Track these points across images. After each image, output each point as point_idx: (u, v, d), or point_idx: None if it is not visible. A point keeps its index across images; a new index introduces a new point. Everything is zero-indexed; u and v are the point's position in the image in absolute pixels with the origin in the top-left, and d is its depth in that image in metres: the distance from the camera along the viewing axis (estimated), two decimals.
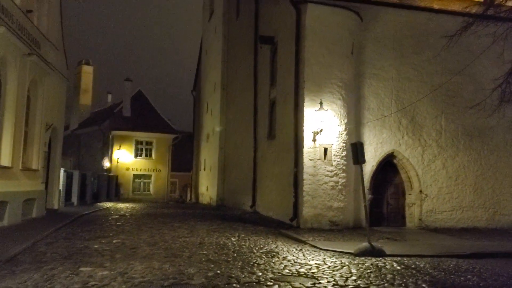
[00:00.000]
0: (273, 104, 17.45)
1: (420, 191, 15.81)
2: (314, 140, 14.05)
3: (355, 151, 10.51)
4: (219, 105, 26.35)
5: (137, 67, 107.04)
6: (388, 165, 15.95)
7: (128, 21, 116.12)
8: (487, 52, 15.56)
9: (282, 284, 6.17)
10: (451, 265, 8.40)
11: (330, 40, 14.54)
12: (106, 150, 38.79)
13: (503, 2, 11.84)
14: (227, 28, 26.02)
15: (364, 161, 10.53)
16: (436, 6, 18.28)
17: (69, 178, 21.55)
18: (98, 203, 25.14)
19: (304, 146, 14.05)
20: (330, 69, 14.44)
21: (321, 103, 13.90)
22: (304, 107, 14.14)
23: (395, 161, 15.99)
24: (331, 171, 14.08)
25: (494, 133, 16.68)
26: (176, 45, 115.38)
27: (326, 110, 13.95)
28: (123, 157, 38.53)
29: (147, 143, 39.97)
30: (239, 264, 7.63)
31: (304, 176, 13.91)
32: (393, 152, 15.73)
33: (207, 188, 29.25)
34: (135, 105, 41.31)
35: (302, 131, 14.13)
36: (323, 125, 14.01)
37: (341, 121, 14.41)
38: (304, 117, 14.11)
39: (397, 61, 16.00)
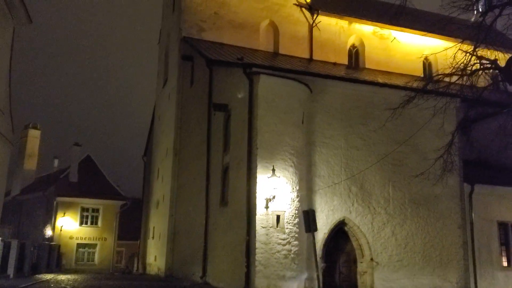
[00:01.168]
0: (226, 170, 17.42)
1: (371, 259, 15.87)
2: (267, 207, 14.00)
3: (307, 219, 10.56)
4: (170, 170, 25.99)
5: (87, 132, 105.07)
6: (339, 233, 16.02)
7: (79, 85, 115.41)
8: (429, 124, 16.45)
9: None
10: None
11: (281, 109, 14.98)
12: (49, 217, 36.83)
13: (441, 78, 12.76)
14: (181, 95, 26.30)
15: (316, 229, 10.58)
16: (380, 80, 19.46)
17: (6, 248, 20.08)
18: (37, 275, 23.43)
19: (257, 213, 13.95)
20: (282, 137, 14.75)
21: (273, 170, 14.03)
22: (257, 174, 14.20)
23: (346, 228, 16.11)
24: (283, 239, 13.94)
25: (439, 201, 17.29)
26: (128, 110, 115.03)
27: (279, 177, 14.07)
28: (67, 225, 36.62)
29: (93, 210, 38.34)
30: None
31: (257, 245, 13.67)
32: (344, 220, 15.89)
33: (155, 257, 28.06)
34: (83, 171, 40.00)
35: (255, 197, 14.09)
36: (275, 192, 14.04)
37: (293, 188, 14.52)
38: (257, 184, 14.13)
39: (345, 131, 16.60)
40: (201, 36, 23.17)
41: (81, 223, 37.49)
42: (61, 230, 36.12)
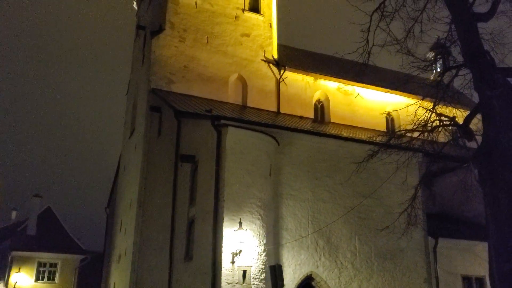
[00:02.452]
0: (192, 223, 17.07)
1: None
2: (233, 262, 13.67)
3: (274, 274, 10.36)
4: (134, 223, 25.23)
5: (49, 183, 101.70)
6: None
7: (41, 135, 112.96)
8: (393, 178, 16.77)
9: None
10: None
11: (249, 161, 15.01)
12: (2, 273, 34.78)
13: (403, 133, 13.15)
14: (147, 146, 26.05)
15: (283, 285, 10.37)
16: (345, 134, 19.92)
17: None
18: None
19: (223, 268, 13.58)
20: (250, 189, 14.69)
21: (240, 223, 13.84)
22: (224, 227, 13.96)
23: (313, 283, 15.85)
24: None
25: (404, 254, 17.35)
26: (92, 160, 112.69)
27: (246, 230, 13.86)
28: (22, 281, 34.55)
29: (51, 265, 36.47)
30: None
31: None
32: (311, 274, 15.66)
33: None
34: (42, 223, 38.39)
35: (221, 252, 13.76)
36: (242, 246, 13.78)
37: (260, 242, 14.30)
38: (223, 237, 13.86)
39: (312, 183, 16.71)
40: (170, 88, 23.35)
41: (37, 279, 35.49)
42: (14, 287, 34.06)
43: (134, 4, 31.71)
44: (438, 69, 25.88)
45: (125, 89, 32.62)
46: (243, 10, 25.30)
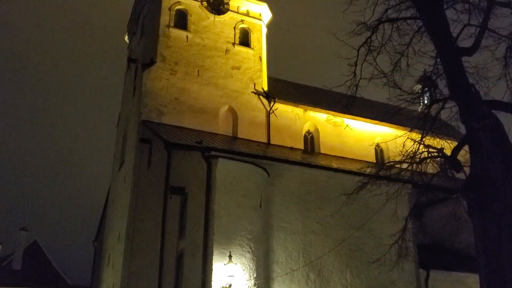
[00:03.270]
0: (181, 257, 16.80)
1: None
2: None
3: None
4: (122, 256, 24.78)
5: (36, 216, 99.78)
6: None
7: (29, 166, 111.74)
8: (383, 209, 16.76)
9: None
10: None
11: (239, 193, 14.96)
12: None
13: (392, 165, 13.23)
14: (137, 178, 25.87)
15: None
16: (335, 165, 19.99)
17: None
18: None
19: None
20: (240, 221, 14.58)
21: (230, 256, 13.66)
22: (213, 261, 13.77)
23: None
24: None
25: (396, 287, 17.15)
26: (81, 193, 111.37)
27: (236, 263, 13.68)
28: None
29: None
30: None
31: None
32: None
33: None
34: (28, 257, 37.60)
35: (210, 286, 13.53)
36: (232, 280, 13.56)
37: (250, 276, 14.09)
38: (213, 271, 13.65)
39: (303, 215, 16.63)
40: (161, 120, 23.42)
41: None
42: None
43: (126, 38, 32.14)
44: (425, 102, 26.29)
45: (115, 121, 32.62)
46: (234, 44, 25.78)
